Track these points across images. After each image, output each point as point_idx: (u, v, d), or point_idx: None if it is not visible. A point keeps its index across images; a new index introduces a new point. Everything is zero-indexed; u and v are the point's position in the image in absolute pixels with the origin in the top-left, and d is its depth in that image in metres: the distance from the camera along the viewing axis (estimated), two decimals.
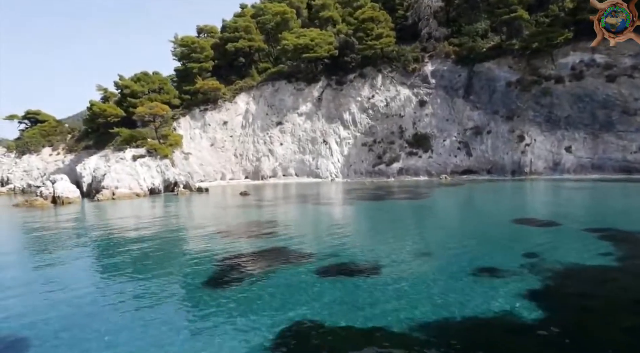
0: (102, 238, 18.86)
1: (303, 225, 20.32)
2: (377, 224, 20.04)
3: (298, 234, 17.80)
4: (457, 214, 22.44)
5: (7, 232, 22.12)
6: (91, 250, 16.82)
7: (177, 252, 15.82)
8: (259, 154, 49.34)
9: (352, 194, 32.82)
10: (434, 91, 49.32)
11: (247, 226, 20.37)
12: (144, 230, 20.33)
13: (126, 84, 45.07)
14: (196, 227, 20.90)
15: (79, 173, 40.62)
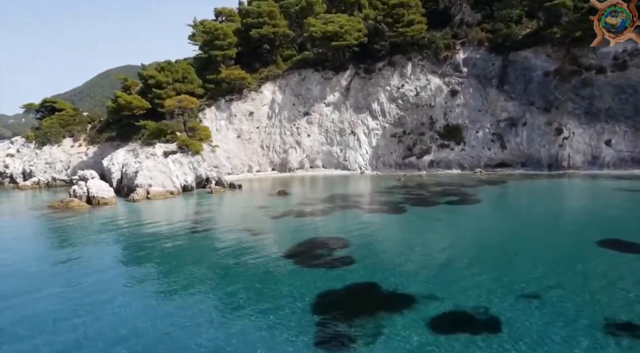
0: (191, 260, 18.01)
1: (373, 245, 19.38)
2: (452, 246, 18.87)
3: (375, 262, 16.96)
4: (531, 232, 21.19)
5: (82, 248, 20.84)
6: (184, 271, 16.00)
7: (263, 288, 14.99)
8: (286, 146, 48.19)
9: (396, 195, 31.89)
10: (466, 80, 47.75)
11: (310, 247, 19.46)
12: (213, 255, 19.50)
13: (151, 74, 43.50)
14: (255, 247, 19.99)
15: (107, 168, 39.60)
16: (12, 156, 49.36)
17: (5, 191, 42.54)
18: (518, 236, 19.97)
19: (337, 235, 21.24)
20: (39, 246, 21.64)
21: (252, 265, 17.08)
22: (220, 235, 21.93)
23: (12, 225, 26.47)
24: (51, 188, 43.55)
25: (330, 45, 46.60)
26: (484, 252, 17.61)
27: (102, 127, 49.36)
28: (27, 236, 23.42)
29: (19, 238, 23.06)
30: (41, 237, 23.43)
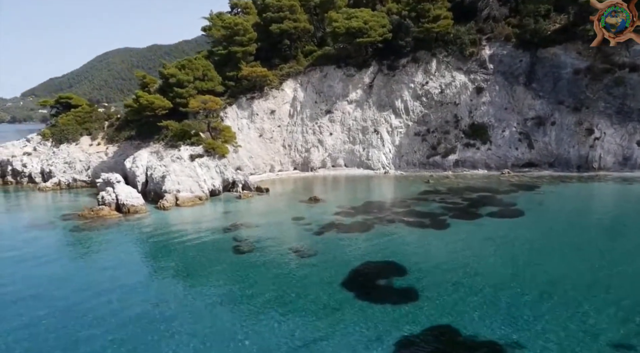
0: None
1: (432, 274, 18.77)
2: (516, 275, 18.04)
3: (441, 296, 16.47)
4: (595, 255, 20.59)
5: (139, 277, 19.92)
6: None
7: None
8: (308, 145, 47.39)
9: (432, 203, 31.32)
10: (492, 77, 46.72)
11: (366, 275, 18.96)
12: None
13: (172, 72, 42.41)
14: (308, 275, 19.48)
15: (131, 171, 38.88)
16: (29, 155, 48.59)
17: (26, 193, 41.89)
18: (581, 260, 19.46)
19: (389, 258, 20.71)
20: (95, 274, 20.28)
21: (311, 298, 16.61)
22: (268, 258, 21.36)
23: (52, 241, 25.60)
24: (72, 189, 42.87)
25: (354, 42, 45.38)
26: (552, 284, 17.09)
27: (120, 126, 48.47)
28: (77, 261, 22.09)
29: (67, 262, 22.12)
30: (90, 260, 22.41)
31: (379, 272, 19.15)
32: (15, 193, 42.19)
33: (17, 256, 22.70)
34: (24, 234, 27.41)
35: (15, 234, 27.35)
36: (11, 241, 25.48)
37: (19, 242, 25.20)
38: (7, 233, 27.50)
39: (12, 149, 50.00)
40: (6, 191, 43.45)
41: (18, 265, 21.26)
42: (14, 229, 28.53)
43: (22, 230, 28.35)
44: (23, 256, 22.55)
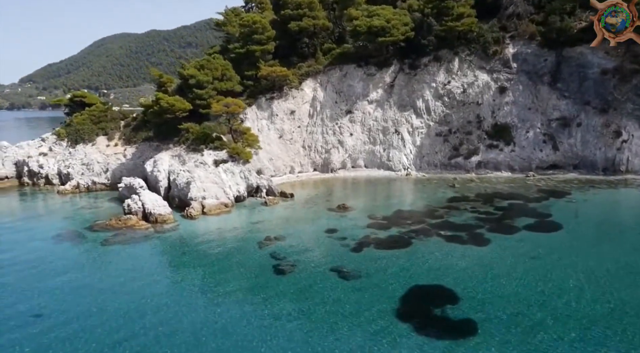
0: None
1: (486, 302, 18.35)
2: (577, 304, 17.61)
3: (500, 331, 16.10)
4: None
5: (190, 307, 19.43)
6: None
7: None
8: (328, 146, 46.78)
9: (464, 213, 30.93)
10: (516, 76, 45.92)
11: (418, 302, 18.59)
12: None
13: (191, 73, 41.52)
14: (359, 302, 19.12)
15: (153, 175, 38.36)
16: (45, 155, 48.03)
17: (46, 196, 41.44)
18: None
19: (437, 281, 20.37)
20: (138, 301, 19.65)
21: (365, 330, 16.28)
22: (311, 280, 20.92)
23: (84, 258, 25.00)
24: (91, 193, 42.37)
25: (376, 41, 44.42)
26: (615, 314, 16.72)
27: (137, 126, 47.76)
28: (113, 283, 21.41)
29: (103, 284, 21.71)
30: (128, 282, 21.81)
31: (430, 299, 18.81)
32: (35, 196, 41.74)
33: (49, 273, 22.30)
34: (53, 246, 27.05)
35: (44, 246, 26.90)
36: (41, 255, 25.07)
37: (50, 257, 24.77)
38: (35, 246, 26.99)
39: (28, 149, 49.42)
40: (25, 193, 42.98)
41: (52, 287, 20.78)
42: (43, 240, 28.02)
43: (50, 241, 27.91)
44: (56, 273, 22.17)
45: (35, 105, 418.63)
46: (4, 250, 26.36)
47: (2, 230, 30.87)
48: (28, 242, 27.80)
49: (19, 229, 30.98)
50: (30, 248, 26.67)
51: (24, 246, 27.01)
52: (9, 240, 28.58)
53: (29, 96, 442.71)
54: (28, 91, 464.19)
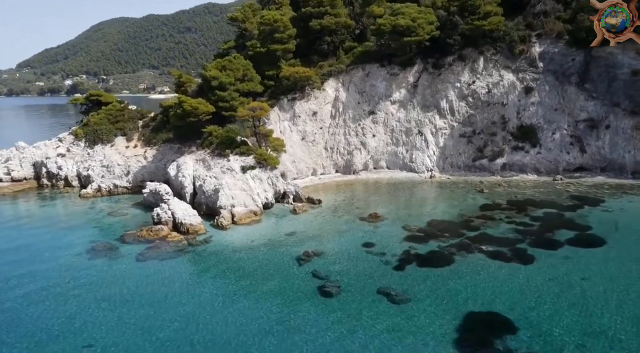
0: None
1: (548, 335, 18.14)
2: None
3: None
4: None
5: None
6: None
7: None
8: (351, 147, 46.15)
9: (500, 224, 30.50)
10: (542, 76, 45.05)
11: (477, 332, 18.30)
12: None
13: (214, 75, 40.61)
14: (414, 332, 18.81)
15: (178, 179, 37.85)
16: (63, 156, 47.50)
17: (68, 200, 41.00)
18: None
19: (490, 306, 20.03)
20: (189, 328, 20.06)
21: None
22: (360, 304, 20.57)
23: (122, 277, 24.46)
24: (113, 196, 41.90)
25: (402, 40, 43.46)
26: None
27: (157, 127, 47.09)
28: (158, 308, 21.39)
29: (147, 311, 21.63)
30: (173, 305, 21.94)
31: (488, 328, 18.50)
32: (57, 200, 41.33)
33: (92, 297, 21.98)
34: (88, 262, 26.66)
35: (78, 262, 26.48)
36: (78, 273, 24.73)
37: (87, 276, 24.42)
38: (69, 262, 26.53)
39: (45, 149, 48.90)
40: (45, 197, 42.54)
41: (97, 315, 20.44)
42: (77, 255, 27.61)
43: (84, 256, 27.51)
44: (99, 297, 21.85)
45: (34, 91, 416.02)
46: (38, 266, 25.99)
47: (31, 241, 30.58)
48: (61, 256, 27.45)
49: (49, 240, 30.64)
50: (65, 264, 26.31)
51: (58, 262, 26.67)
52: (40, 253, 28.25)
53: (27, 82, 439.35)
54: (26, 76, 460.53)
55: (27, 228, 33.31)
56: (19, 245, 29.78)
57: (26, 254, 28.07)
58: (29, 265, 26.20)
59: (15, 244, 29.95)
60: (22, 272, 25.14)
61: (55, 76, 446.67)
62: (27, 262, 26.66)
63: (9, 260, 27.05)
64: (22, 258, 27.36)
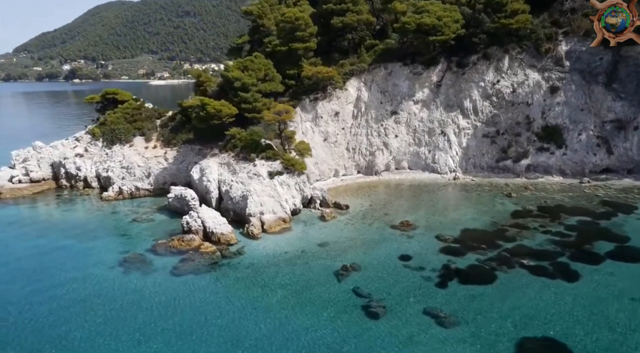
0: None
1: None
2: None
3: None
4: None
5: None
6: None
7: None
8: (373, 148, 45.57)
9: (536, 233, 30.16)
10: (568, 75, 44.27)
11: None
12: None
13: (236, 75, 39.74)
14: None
15: (202, 184, 37.40)
16: (81, 156, 46.92)
17: (89, 203, 40.64)
18: None
19: (541, 329, 19.81)
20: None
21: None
22: (409, 329, 20.25)
23: (159, 295, 23.73)
24: (135, 199, 41.45)
25: (427, 40, 42.53)
26: None
27: (176, 127, 46.40)
28: (208, 336, 21.37)
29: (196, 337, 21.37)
30: (224, 330, 21.69)
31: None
32: (78, 203, 40.96)
33: (131, 319, 21.70)
34: (122, 277, 26.24)
35: (112, 276, 26.07)
36: (114, 292, 24.38)
37: (122, 293, 24.15)
38: (102, 276, 26.15)
39: (63, 149, 48.31)
40: (66, 200, 42.11)
41: (130, 337, 20.25)
42: (109, 269, 27.19)
43: (117, 270, 27.10)
44: (141, 321, 21.52)
45: (31, 76, 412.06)
46: (72, 285, 25.40)
47: (61, 251, 30.18)
48: (94, 270, 27.07)
49: (78, 250, 30.26)
50: (99, 278, 25.98)
51: (91, 276, 26.28)
52: (71, 265, 27.87)
53: (25, 67, 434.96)
54: (23, 61, 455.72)
55: (53, 236, 32.88)
56: (49, 255, 29.42)
57: (57, 266, 27.68)
58: (62, 280, 25.79)
59: (44, 254, 29.57)
60: (56, 287, 24.81)
61: (53, 61, 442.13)
62: (60, 276, 26.27)
63: (40, 272, 26.75)
64: (54, 271, 27.01)
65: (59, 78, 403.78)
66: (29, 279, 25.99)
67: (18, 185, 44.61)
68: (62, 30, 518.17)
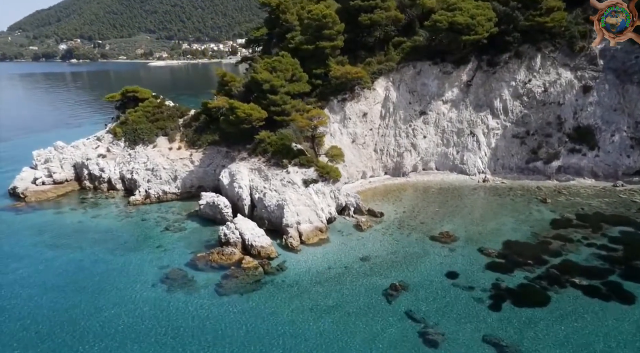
0: None
1: None
2: None
3: None
4: None
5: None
6: None
7: None
8: (401, 149, 44.86)
9: (579, 246, 29.84)
10: (602, 74, 43.33)
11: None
12: None
13: (265, 78, 38.67)
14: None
15: (233, 190, 36.87)
16: (104, 157, 46.19)
17: (116, 208, 40.04)
18: None
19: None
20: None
21: None
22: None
23: (210, 318, 23.69)
24: (163, 203, 40.94)
25: (460, 39, 41.36)
26: None
27: (200, 128, 45.51)
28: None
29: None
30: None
31: None
32: (104, 207, 40.30)
33: (174, 346, 21.53)
34: (167, 296, 25.92)
35: (156, 297, 25.72)
36: (159, 313, 24.13)
37: (170, 316, 23.88)
38: (146, 297, 25.76)
39: (85, 149, 47.56)
40: (92, 203, 41.49)
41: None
42: (152, 287, 26.83)
43: (160, 288, 26.72)
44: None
45: (27, 56, 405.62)
46: (115, 303, 25.13)
47: (96, 267, 29.59)
48: (137, 289, 26.72)
49: (116, 265, 29.74)
50: (142, 300, 25.53)
51: (135, 298, 25.84)
52: (111, 284, 27.37)
53: (21, 46, 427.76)
54: (18, 40, 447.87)
55: (88, 248, 32.35)
56: (87, 271, 29.01)
57: (99, 285, 27.24)
58: (106, 302, 25.38)
59: (82, 270, 29.16)
60: (101, 311, 24.48)
61: (49, 40, 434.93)
62: (104, 298, 25.84)
63: (82, 293, 26.37)
64: (96, 291, 26.61)
65: (56, 58, 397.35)
66: (73, 301, 25.60)
67: (42, 187, 44.02)
68: (57, 7, 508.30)
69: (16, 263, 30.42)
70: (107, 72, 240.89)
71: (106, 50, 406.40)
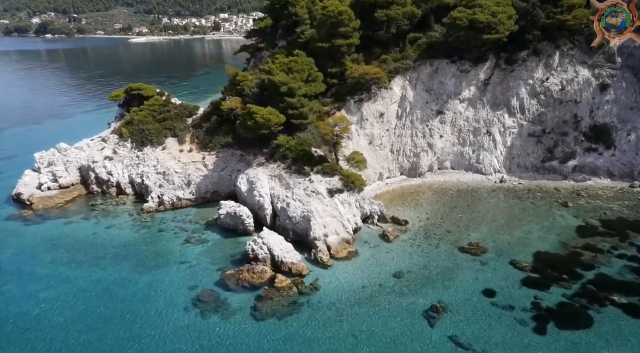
0: None
1: None
2: None
3: None
4: None
5: None
6: None
7: None
8: (417, 150, 44.20)
9: (610, 258, 30.11)
10: (619, 72, 43.01)
11: None
12: None
13: (282, 80, 37.09)
14: None
15: (253, 198, 35.93)
16: (111, 160, 44.50)
17: (129, 217, 38.73)
18: None
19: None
20: None
21: None
22: None
23: (250, 348, 23.59)
24: (177, 210, 39.79)
25: (480, 37, 40.29)
26: None
27: (211, 129, 43.97)
28: None
29: None
30: None
31: None
32: (117, 216, 38.92)
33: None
34: (202, 323, 25.39)
35: (191, 323, 25.21)
36: (198, 342, 23.57)
37: (204, 344, 23.46)
38: (182, 324, 25.13)
39: (90, 151, 45.81)
40: (103, 211, 40.01)
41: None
42: (184, 312, 26.24)
43: (193, 312, 26.23)
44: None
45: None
46: (149, 331, 24.50)
47: (122, 287, 28.74)
48: (168, 316, 25.98)
49: (142, 286, 28.85)
50: (177, 326, 24.95)
51: (169, 324, 25.23)
52: (141, 308, 26.63)
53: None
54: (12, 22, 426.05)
55: (109, 265, 31.31)
56: (113, 293, 28.15)
57: (128, 308, 26.54)
58: (140, 329, 24.72)
59: (107, 292, 28.26)
60: (136, 339, 23.93)
61: (21, 13, 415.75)
62: (136, 324, 25.19)
63: (111, 318, 25.63)
64: (126, 315, 25.90)
65: (29, 32, 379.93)
66: (103, 328, 24.84)
67: (48, 192, 42.39)
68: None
69: (36, 284, 29.38)
70: (85, 50, 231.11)
71: (82, 24, 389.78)
